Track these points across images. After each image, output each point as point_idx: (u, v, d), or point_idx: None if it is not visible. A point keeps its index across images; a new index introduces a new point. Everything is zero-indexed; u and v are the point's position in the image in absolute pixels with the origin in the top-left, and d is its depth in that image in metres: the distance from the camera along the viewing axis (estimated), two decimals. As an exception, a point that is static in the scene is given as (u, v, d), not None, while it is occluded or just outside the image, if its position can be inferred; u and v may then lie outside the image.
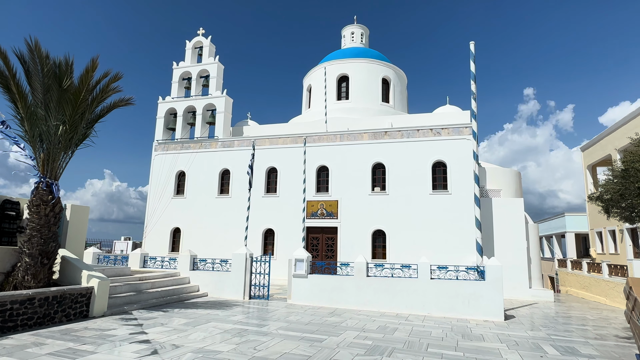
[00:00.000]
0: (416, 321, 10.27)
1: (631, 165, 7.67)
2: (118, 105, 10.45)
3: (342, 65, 25.59)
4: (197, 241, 21.13)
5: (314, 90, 26.55)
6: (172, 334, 7.80)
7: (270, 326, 8.98)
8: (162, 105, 24.25)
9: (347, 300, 12.25)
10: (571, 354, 7.37)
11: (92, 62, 9.50)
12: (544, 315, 12.26)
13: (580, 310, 14.16)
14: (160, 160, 23.29)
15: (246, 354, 6.57)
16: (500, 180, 19.98)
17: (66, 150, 9.62)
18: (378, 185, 19.54)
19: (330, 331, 8.64)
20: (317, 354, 6.73)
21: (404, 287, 11.90)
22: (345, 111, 24.05)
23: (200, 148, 22.75)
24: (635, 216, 8.28)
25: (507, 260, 16.21)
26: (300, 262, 12.95)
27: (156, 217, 22.56)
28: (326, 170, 20.38)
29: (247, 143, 21.67)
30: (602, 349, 7.87)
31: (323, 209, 19.86)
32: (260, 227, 20.52)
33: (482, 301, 11.17)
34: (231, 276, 13.65)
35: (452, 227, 17.70)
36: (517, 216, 17.58)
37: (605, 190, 8.53)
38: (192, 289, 13.68)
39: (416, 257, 15.07)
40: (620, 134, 20.78)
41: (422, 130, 19.17)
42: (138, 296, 11.20)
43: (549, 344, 8.10)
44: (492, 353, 7.23)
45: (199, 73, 24.41)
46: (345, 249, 18.95)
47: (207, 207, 21.78)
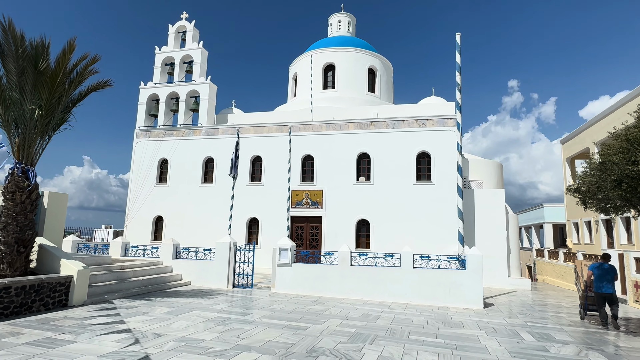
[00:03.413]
0: (398, 309, 10.44)
1: (608, 158, 7.88)
2: (96, 88, 10.14)
3: (329, 54, 25.39)
4: (180, 230, 20.91)
5: (300, 78, 26.32)
6: (154, 323, 7.73)
7: (253, 315, 8.99)
8: (143, 91, 23.67)
9: (331, 288, 12.35)
10: (546, 339, 7.62)
11: (70, 43, 9.16)
12: (522, 303, 12.63)
13: (556, 298, 14.63)
14: (142, 148, 22.82)
15: (229, 342, 6.57)
16: (483, 171, 20.31)
17: (43, 135, 9.32)
18: (363, 175, 19.62)
19: (313, 319, 8.70)
20: (300, 341, 6.78)
21: (387, 276, 12.06)
22: (331, 100, 23.94)
23: (183, 135, 22.36)
24: (610, 207, 8.54)
25: (488, 250, 16.57)
26: (284, 251, 12.96)
27: (138, 205, 22.19)
28: (311, 159, 20.33)
29: (231, 131, 21.40)
30: (575, 335, 8.16)
31: (308, 199, 19.87)
32: (244, 216, 20.42)
33: (463, 289, 11.42)
34: (215, 265, 13.58)
35: (435, 217, 17.96)
36: (498, 207, 17.95)
37: (582, 182, 8.75)
38: (175, 277, 13.57)
39: (399, 246, 15.28)
40: (599, 127, 21.32)
41: (407, 121, 19.26)
42: (119, 285, 11.05)
43: (526, 331, 8.36)
44: (471, 340, 7.41)
45: (182, 58, 23.87)
46: (330, 238, 19.05)
47: (191, 196, 21.53)
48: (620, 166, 7.47)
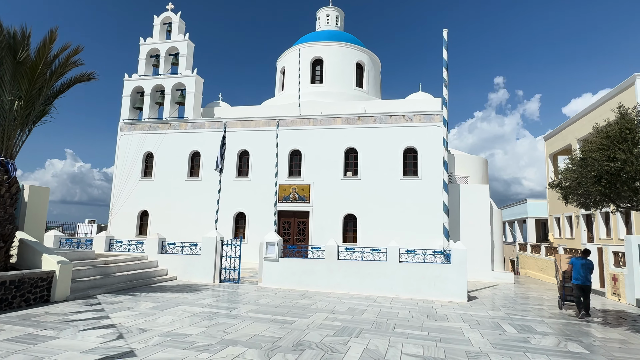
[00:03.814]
0: (384, 303, 10.55)
1: (588, 154, 8.05)
2: (79, 81, 9.91)
3: (317, 48, 25.28)
4: (165, 224, 20.68)
5: (288, 72, 26.16)
6: (139, 318, 7.66)
7: (240, 309, 8.98)
8: (128, 83, 23.22)
9: (318, 283, 12.40)
10: (527, 331, 7.81)
11: (51, 33, 8.92)
12: (504, 296, 12.90)
13: (537, 291, 14.98)
14: (127, 141, 22.44)
15: (215, 336, 6.55)
16: (468, 167, 20.59)
17: (23, 127, 9.08)
18: (350, 170, 19.68)
19: (300, 313, 8.74)
20: (286, 335, 6.81)
21: (373, 270, 12.16)
22: (319, 95, 23.88)
23: (169, 129, 22.05)
24: (590, 203, 8.75)
25: (472, 244, 16.84)
26: (271, 245, 12.95)
27: (122, 199, 21.85)
28: (299, 154, 20.29)
29: (218, 125, 21.19)
30: (555, 327, 8.38)
31: (295, 193, 19.85)
32: (231, 210, 20.30)
33: (448, 283, 11.60)
34: (201, 260, 13.50)
35: (421, 212, 18.15)
36: (483, 202, 18.23)
37: (564, 178, 8.94)
38: (161, 272, 13.44)
39: (386, 240, 15.38)
40: (580, 124, 21.77)
41: (395, 117, 19.36)
42: (103, 280, 10.90)
43: (508, 323, 8.55)
44: (455, 332, 7.55)
45: (167, 50, 23.46)
46: (317, 233, 19.09)
47: (177, 190, 21.29)
48: (600, 162, 7.65)
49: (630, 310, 11.16)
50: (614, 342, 7.23)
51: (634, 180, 7.47)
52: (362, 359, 5.67)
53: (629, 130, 7.70)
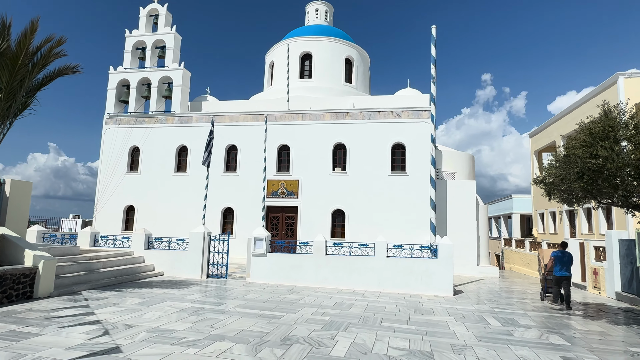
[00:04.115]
0: (372, 297, 10.65)
1: (572, 151, 8.21)
2: (63, 73, 9.70)
3: (306, 43, 25.16)
4: (152, 220, 20.45)
5: (277, 67, 26.00)
6: (125, 314, 7.59)
7: (228, 304, 8.96)
8: (113, 76, 22.80)
9: (306, 278, 12.44)
10: (511, 324, 7.98)
11: (32, 24, 8.69)
12: (489, 290, 13.13)
13: (521, 285, 15.28)
14: (112, 135, 22.06)
15: (203, 332, 6.53)
16: (455, 163, 20.81)
17: (3, 120, 8.86)
18: (339, 165, 19.71)
19: (288, 308, 8.76)
20: (274, 330, 6.82)
21: (361, 265, 12.25)
22: (308, 90, 23.80)
23: (155, 123, 21.75)
24: (573, 199, 8.94)
25: (458, 239, 17.06)
26: (259, 240, 12.92)
27: (108, 194, 21.52)
28: (287, 149, 20.23)
29: (205, 119, 20.98)
30: (537, 320, 8.58)
31: (284, 188, 19.81)
32: (219, 205, 20.17)
33: (434, 278, 11.75)
34: (188, 255, 13.40)
35: (409, 207, 18.30)
36: (469, 198, 18.47)
37: (548, 175, 9.10)
38: (147, 268, 13.32)
39: (374, 236, 15.51)
40: (565, 122, 22.16)
41: (383, 112, 19.42)
42: (88, 276, 10.75)
43: (492, 316, 8.71)
44: (441, 326, 7.66)
45: (154, 43, 23.07)
46: (305, 228, 19.11)
47: (163, 185, 21.05)
48: (582, 159, 7.81)
49: (610, 303, 11.47)
50: (594, 334, 7.43)
51: (615, 177, 7.64)
52: (350, 353, 5.72)
53: (611, 128, 7.87)
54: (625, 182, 7.69)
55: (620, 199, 8.04)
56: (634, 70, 16.73)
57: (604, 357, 5.98)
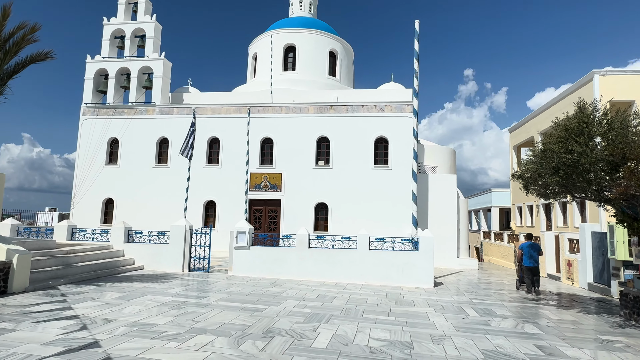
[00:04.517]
0: (354, 289, 10.76)
1: (548, 146, 8.44)
2: (36, 60, 9.36)
3: (290, 35, 24.94)
4: (132, 213, 20.07)
5: (260, 59, 25.71)
6: (104, 309, 7.46)
7: (210, 298, 8.91)
8: (91, 65, 22.13)
9: (289, 271, 12.47)
10: (488, 315, 8.21)
11: (4, 9, 8.35)
12: (468, 282, 13.44)
13: (499, 277, 15.70)
14: (90, 126, 21.48)
15: (184, 325, 6.49)
16: (437, 157, 21.10)
17: (-26, 109, 8.50)
18: (322, 159, 19.72)
19: (270, 301, 8.78)
20: (256, 323, 6.83)
21: (343, 258, 12.35)
22: (292, 82, 23.65)
23: (135, 114, 21.27)
24: (549, 193, 9.19)
25: (439, 232, 17.36)
26: (242, 234, 12.87)
27: (86, 187, 21.00)
28: (271, 142, 20.11)
29: (187, 111, 20.63)
30: (514, 310, 8.85)
31: (267, 182, 19.73)
32: (201, 199, 19.95)
33: (415, 270, 11.95)
34: (169, 249, 13.24)
35: (391, 201, 18.50)
36: (450, 191, 18.79)
37: (525, 169, 9.33)
38: (127, 262, 13.10)
39: (357, 229, 15.59)
40: (543, 117, 22.68)
41: (367, 106, 19.49)
42: (65, 270, 10.51)
43: (471, 307, 8.93)
44: (421, 317, 7.82)
45: (133, 32, 22.47)
46: (288, 221, 19.11)
47: (144, 178, 20.66)
48: (558, 154, 8.04)
49: (582, 294, 11.91)
50: (566, 323, 7.71)
51: (589, 172, 7.89)
52: (331, 344, 5.78)
53: (586, 124, 8.11)
54: (598, 176, 7.96)
55: (593, 193, 8.31)
56: (610, 68, 17.23)
57: (575, 344, 6.22)
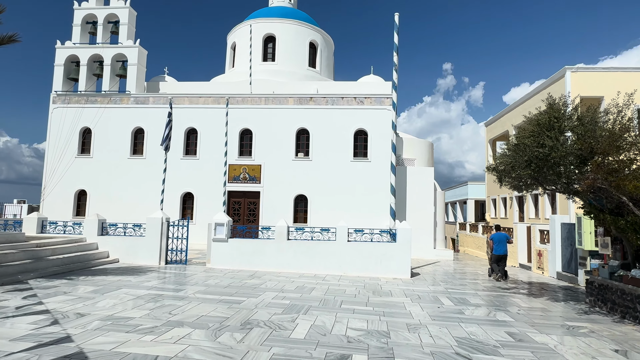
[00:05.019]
0: (333, 281, 10.86)
1: (521, 140, 8.68)
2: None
3: (269, 25, 24.58)
4: (106, 205, 19.54)
5: (239, 48, 25.28)
6: (77, 303, 7.28)
7: (187, 290, 8.82)
8: (61, 51, 21.25)
9: (268, 263, 12.45)
10: (463, 303, 8.44)
11: (-35, -11, 7.88)
12: (444, 272, 13.77)
13: (474, 267, 16.14)
14: (60, 114, 20.69)
15: (160, 318, 6.41)
16: (415, 150, 21.37)
17: None
18: (302, 150, 19.67)
19: (249, 293, 8.76)
20: (234, 315, 6.81)
21: (323, 249, 12.41)
22: (271, 73, 23.39)
23: (109, 103, 20.60)
24: (522, 185, 9.48)
25: (416, 224, 17.65)
26: (220, 226, 12.74)
27: (57, 178, 20.28)
28: (250, 133, 19.90)
29: (164, 100, 20.13)
30: (487, 299, 9.13)
31: (246, 173, 19.55)
32: (178, 190, 19.60)
33: (393, 261, 12.14)
34: (145, 241, 12.99)
35: (370, 193, 18.68)
36: (428, 184, 19.11)
37: (500, 162, 9.57)
38: (101, 255, 12.79)
39: (336, 220, 15.69)
40: (517, 112, 23.26)
41: (347, 98, 19.51)
42: (35, 264, 10.17)
43: (446, 297, 9.17)
44: (398, 306, 7.97)
45: (106, 17, 21.66)
46: (268, 213, 19.04)
47: (118, 169, 20.11)
48: (530, 148, 8.28)
49: (552, 282, 12.40)
50: (536, 311, 8.02)
51: (559, 165, 8.17)
52: (309, 334, 5.83)
53: (557, 119, 8.37)
54: (568, 170, 8.25)
55: (563, 185, 8.61)
56: (581, 65, 17.77)
57: (544, 331, 6.48)
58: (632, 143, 7.73)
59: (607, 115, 8.34)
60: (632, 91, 8.41)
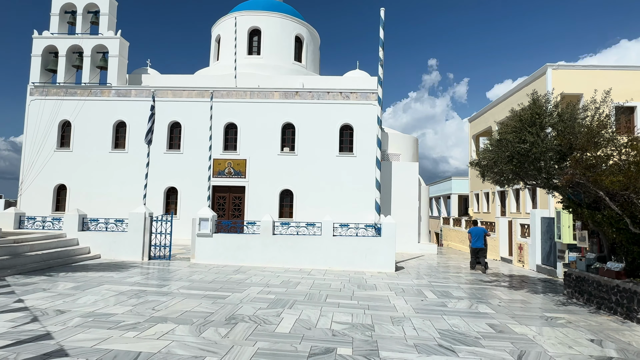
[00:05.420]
0: (318, 275, 10.89)
1: (504, 136, 8.84)
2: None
3: (255, 17, 24.31)
4: (87, 200, 19.14)
5: (224, 41, 24.93)
6: (57, 299, 7.12)
7: (171, 286, 8.72)
8: (38, 41, 20.60)
9: (253, 257, 12.41)
10: (445, 296, 8.59)
11: None
12: (428, 266, 13.97)
13: (457, 261, 16.42)
14: (38, 107, 20.10)
15: (143, 314, 6.33)
16: (400, 145, 21.53)
17: None
18: (287, 145, 19.61)
19: (234, 288, 8.72)
20: (219, 310, 6.78)
21: (308, 244, 12.43)
22: (256, 67, 23.17)
23: (89, 95, 20.10)
24: (504, 180, 9.66)
25: (401, 218, 17.83)
26: (204, 221, 12.62)
27: (35, 172, 19.74)
28: (235, 127, 19.71)
29: (146, 93, 19.75)
30: (469, 292, 9.30)
31: (231, 168, 19.39)
32: (161, 185, 19.33)
33: (378, 255, 12.24)
34: (128, 237, 12.78)
35: (356, 188, 18.77)
36: (412, 179, 19.30)
37: (482, 158, 9.73)
38: (82, 251, 12.53)
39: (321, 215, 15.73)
40: (500, 108, 23.63)
41: (332, 93, 19.49)
42: (13, 260, 9.90)
43: (429, 290, 9.31)
44: (382, 300, 8.06)
45: (86, 7, 21.07)
46: (253, 208, 18.95)
47: (99, 163, 19.70)
48: (512, 144, 8.44)
49: (531, 275, 12.72)
50: (516, 303, 8.22)
51: (539, 160, 8.35)
52: (294, 329, 5.85)
53: (538, 115, 8.53)
54: (548, 165, 8.44)
55: (543, 180, 8.81)
56: (562, 63, 18.15)
57: (523, 322, 6.65)
58: (609, 139, 7.94)
59: (585, 112, 8.55)
60: (609, 89, 8.62)
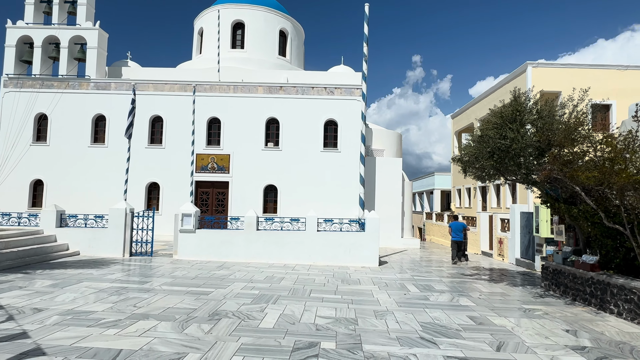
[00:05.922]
0: (302, 270, 10.91)
1: (485, 132, 9.00)
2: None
3: (238, 11, 23.99)
4: (65, 196, 18.65)
5: (206, 34, 24.54)
6: (34, 297, 6.94)
7: (153, 282, 8.61)
8: (12, 31, 19.87)
9: (237, 253, 12.34)
10: (428, 290, 8.72)
11: None
12: (411, 260, 14.16)
13: (439, 255, 16.68)
14: (13, 99, 19.43)
15: (124, 311, 6.22)
16: (384, 140, 21.67)
17: None
18: (271, 140, 19.50)
19: (217, 284, 8.66)
20: (202, 306, 6.72)
21: (292, 239, 12.43)
22: (240, 61, 22.91)
23: (66, 88, 19.53)
24: (485, 175, 9.84)
25: (385, 213, 18.00)
26: (187, 216, 12.47)
27: (9, 167, 19.10)
28: (218, 122, 19.48)
29: (126, 86, 19.31)
30: (451, 285, 9.48)
31: (214, 163, 19.18)
32: (143, 180, 18.98)
33: (361, 250, 12.33)
34: (108, 233, 12.53)
35: (340, 183, 18.83)
36: (396, 174, 19.47)
37: (464, 153, 9.88)
38: (60, 248, 12.22)
39: (306, 210, 15.74)
40: (481, 105, 24.02)
41: (317, 88, 19.44)
42: (-13, 258, 9.59)
43: (412, 284, 9.44)
44: (366, 294, 8.13)
45: (63, -4, 20.41)
46: (237, 204, 18.82)
47: (78, 157, 19.20)
48: (493, 140, 8.60)
49: (511, 268, 13.03)
50: (496, 295, 8.42)
51: (519, 156, 8.54)
52: (278, 323, 5.85)
53: (519, 112, 8.71)
54: (527, 161, 8.63)
55: (522, 176, 9.01)
56: (542, 61, 18.55)
57: (502, 314, 6.82)
58: (585, 136, 8.17)
59: (563, 109, 8.77)
60: (587, 87, 8.86)
